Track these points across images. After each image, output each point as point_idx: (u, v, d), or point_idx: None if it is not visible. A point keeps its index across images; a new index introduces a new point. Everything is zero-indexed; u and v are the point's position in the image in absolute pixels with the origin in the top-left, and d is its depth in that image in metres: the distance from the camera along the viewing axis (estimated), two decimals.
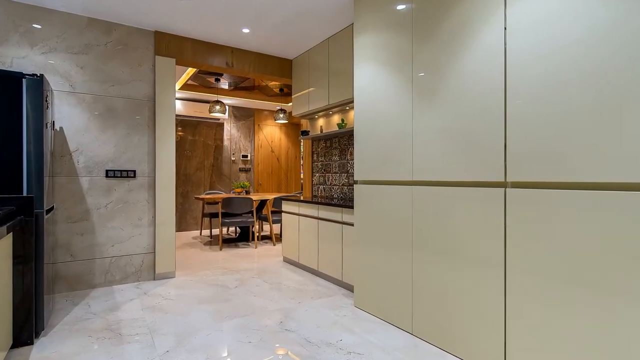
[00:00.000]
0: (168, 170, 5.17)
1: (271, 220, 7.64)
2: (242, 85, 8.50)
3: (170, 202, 5.19)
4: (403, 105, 3.48)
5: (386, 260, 3.69)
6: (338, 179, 5.89)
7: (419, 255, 3.32)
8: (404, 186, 3.47)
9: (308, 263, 5.41)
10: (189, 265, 5.98)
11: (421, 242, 3.30)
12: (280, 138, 11.07)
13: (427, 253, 3.24)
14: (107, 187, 4.84)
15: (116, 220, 4.90)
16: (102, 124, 4.81)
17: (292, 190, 11.25)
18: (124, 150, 4.93)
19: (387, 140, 3.67)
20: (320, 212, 5.07)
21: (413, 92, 3.37)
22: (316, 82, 5.67)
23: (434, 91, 3.18)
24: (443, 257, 3.10)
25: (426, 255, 3.25)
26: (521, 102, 2.53)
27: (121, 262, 4.93)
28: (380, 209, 3.75)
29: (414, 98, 3.37)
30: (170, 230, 5.20)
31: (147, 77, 5.09)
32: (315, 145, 6.53)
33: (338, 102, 5.18)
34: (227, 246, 7.58)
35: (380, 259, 3.76)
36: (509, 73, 2.62)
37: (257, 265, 5.95)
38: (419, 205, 3.32)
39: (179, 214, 9.44)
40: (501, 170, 2.67)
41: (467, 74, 2.91)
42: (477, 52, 2.83)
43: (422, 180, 3.29)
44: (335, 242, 4.80)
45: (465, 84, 2.92)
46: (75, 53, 4.66)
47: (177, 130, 9.38)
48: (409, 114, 3.41)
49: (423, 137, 3.28)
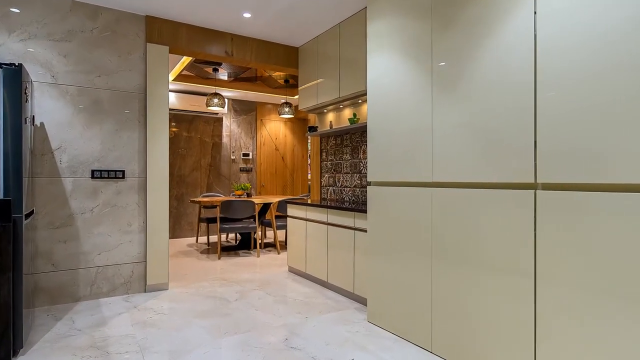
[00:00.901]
0: (161, 170, 5.22)
1: (275, 226, 7.67)
2: (243, 76, 8.55)
3: (163, 206, 5.23)
4: (422, 98, 3.49)
5: (403, 271, 3.69)
6: (350, 180, 5.90)
7: (439, 264, 3.33)
8: (423, 188, 3.48)
9: (316, 273, 5.43)
10: (184, 275, 6.03)
11: (442, 250, 3.30)
12: (286, 135, 11.10)
13: (448, 262, 3.25)
14: (93, 189, 4.89)
15: (103, 226, 4.95)
16: (88, 119, 4.86)
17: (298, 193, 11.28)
18: (111, 148, 4.98)
19: (404, 136, 3.68)
20: (330, 216, 5.09)
21: (433, 84, 3.38)
22: (325, 73, 5.69)
23: (455, 83, 3.19)
24: (466, 266, 3.11)
25: (447, 264, 3.26)
26: (554, 95, 2.53)
27: (108, 273, 4.97)
28: (397, 214, 3.76)
29: (433, 90, 3.38)
30: (163, 236, 5.24)
31: (137, 66, 5.14)
32: (324, 143, 6.55)
33: (349, 94, 5.20)
34: (226, 255, 7.62)
35: (396, 269, 3.77)
36: (540, 62, 2.62)
37: (260, 276, 5.98)
38: (439, 209, 3.33)
39: (172, 219, 9.50)
40: (531, 170, 2.67)
41: (492, 64, 2.91)
42: (503, 39, 2.83)
43: (442, 181, 3.30)
44: (346, 250, 4.81)
45: (490, 75, 2.93)
46: (57, 40, 4.71)
47: (170, 125, 9.45)
48: (428, 108, 3.42)
49: (444, 133, 3.28)
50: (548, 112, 2.57)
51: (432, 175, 3.40)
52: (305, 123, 11.40)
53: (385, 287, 3.91)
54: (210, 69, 8.01)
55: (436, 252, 3.36)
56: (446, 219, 3.28)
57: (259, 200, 7.74)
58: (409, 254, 3.63)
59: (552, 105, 2.55)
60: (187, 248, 8.33)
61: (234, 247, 8.39)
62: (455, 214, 3.20)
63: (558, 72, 2.53)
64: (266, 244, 8.88)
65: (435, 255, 3.37)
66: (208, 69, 7.97)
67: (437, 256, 3.36)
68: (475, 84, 3.04)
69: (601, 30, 2.34)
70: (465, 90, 3.12)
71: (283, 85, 9.35)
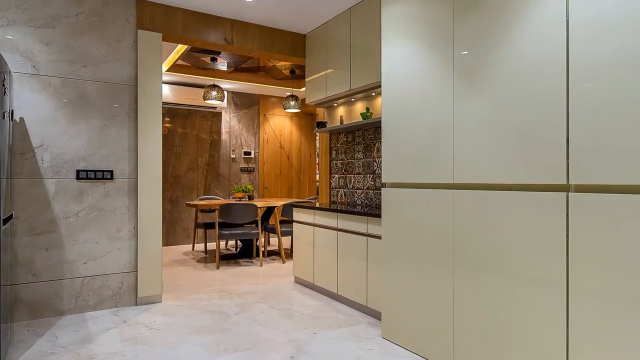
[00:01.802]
0: (153, 170, 5.26)
1: (280, 232, 7.70)
2: (244, 66, 8.58)
3: (155, 210, 5.28)
4: (442, 90, 3.51)
5: (421, 281, 3.71)
6: (362, 181, 5.92)
7: (461, 274, 3.34)
8: (443, 190, 3.49)
9: (325, 284, 5.46)
10: (179, 287, 6.07)
11: (464, 259, 3.31)
12: (291, 131, 11.13)
13: (471, 272, 3.26)
14: (79, 191, 4.93)
15: (89, 232, 4.99)
16: (73, 114, 4.90)
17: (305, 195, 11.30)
18: (99, 145, 5.02)
19: (422, 133, 3.69)
20: (341, 221, 5.11)
21: (454, 75, 3.40)
22: (335, 63, 5.72)
23: (479, 73, 3.20)
24: (491, 277, 3.11)
25: (470, 274, 3.27)
26: (589, 87, 2.54)
27: (95, 284, 5.02)
28: (414, 218, 3.77)
29: (455, 82, 3.39)
30: (155, 244, 5.28)
31: (127, 56, 5.18)
32: (334, 140, 6.57)
33: (362, 86, 5.22)
34: (226, 264, 7.66)
35: (413, 280, 3.78)
36: (572, 50, 2.63)
37: (263, 287, 6.01)
38: (461, 214, 3.34)
39: (166, 224, 9.56)
40: (562, 170, 2.68)
41: (520, 52, 2.92)
42: (532, 25, 2.84)
43: (465, 182, 3.31)
44: (358, 258, 4.83)
45: (518, 64, 2.94)
46: (39, 26, 4.75)
47: (164, 121, 9.51)
48: (449, 100, 3.43)
49: (466, 129, 3.30)
50: (582, 105, 2.57)
51: (453, 175, 3.41)
52: (313, 118, 11.43)
53: (401, 300, 3.93)
54: (208, 59, 8.05)
55: (458, 261, 3.37)
56: (469, 224, 3.29)
57: (261, 203, 7.77)
58: (428, 263, 3.64)
59: (586, 97, 2.56)
60: (182, 256, 8.38)
61: (234, 256, 8.43)
62: (479, 218, 3.21)
63: (593, 62, 2.53)
64: (270, 252, 8.92)
65: (456, 264, 3.39)
66: (205, 58, 8.01)
67: (458, 265, 3.37)
68: (501, 74, 3.05)
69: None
70: (490, 81, 3.13)
71: (288, 76, 9.38)
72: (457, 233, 3.37)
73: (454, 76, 3.40)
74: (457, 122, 3.38)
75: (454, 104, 3.40)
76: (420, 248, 3.72)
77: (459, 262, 3.36)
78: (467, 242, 3.30)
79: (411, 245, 3.81)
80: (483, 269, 3.18)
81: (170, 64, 8.16)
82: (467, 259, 3.30)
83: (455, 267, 3.39)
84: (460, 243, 3.35)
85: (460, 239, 3.35)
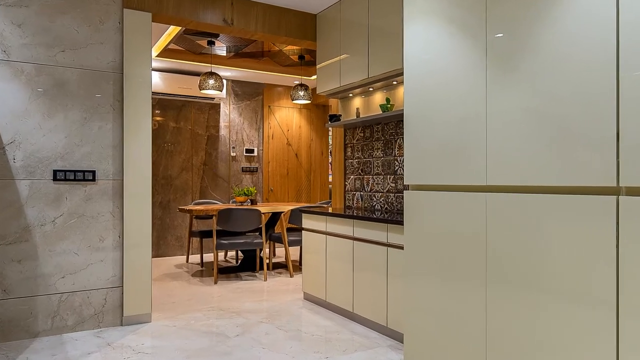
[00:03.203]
0: (142, 170, 5.30)
1: (287, 242, 7.72)
2: (246, 50, 8.62)
3: (144, 216, 5.31)
4: (473, 78, 3.52)
5: (449, 298, 3.71)
6: (382, 183, 5.94)
7: (495, 290, 3.34)
8: (475, 193, 3.50)
9: (339, 302, 5.48)
10: (172, 304, 6.11)
11: (499, 273, 3.32)
12: (300, 125, 11.17)
13: (506, 288, 3.26)
14: (56, 195, 4.97)
15: (68, 242, 5.02)
16: (49, 106, 4.94)
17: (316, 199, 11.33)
18: (79, 142, 5.06)
19: (451, 127, 3.71)
20: (357, 229, 5.13)
21: (487, 61, 3.41)
22: (351, 47, 5.74)
23: (516, 59, 3.21)
24: (529, 293, 3.12)
25: (506, 290, 3.27)
26: None
27: (75, 301, 5.05)
28: (442, 226, 3.78)
29: (488, 69, 3.40)
30: (144, 255, 5.32)
31: (111, 38, 5.22)
32: (349, 136, 6.59)
33: (381, 74, 5.23)
34: (225, 278, 7.70)
35: (441, 297, 3.79)
36: (623, 34, 2.63)
37: (268, 305, 6.04)
38: (495, 220, 3.35)
39: (156, 233, 9.61)
40: (612, 170, 2.68)
41: (563, 35, 2.93)
42: (577, 5, 2.85)
43: (499, 185, 3.32)
44: (377, 272, 4.84)
45: (560, 49, 2.94)
46: (9, 5, 4.78)
47: (154, 114, 9.57)
48: (482, 91, 3.44)
49: (501, 123, 3.30)
50: (634, 96, 2.58)
51: (486, 176, 3.42)
52: (325, 110, 11.45)
53: (426, 320, 3.94)
54: (205, 42, 8.10)
55: (492, 274, 3.38)
56: (504, 233, 3.29)
57: (266, 208, 7.80)
58: (457, 277, 3.65)
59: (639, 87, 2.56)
60: (175, 269, 8.44)
61: (234, 269, 8.47)
62: (516, 226, 3.21)
63: None
64: (275, 265, 8.96)
65: (490, 278, 3.39)
66: (202, 41, 8.06)
67: (492, 280, 3.38)
68: (542, 60, 3.05)
69: None
70: (528, 68, 3.13)
71: (297, 62, 9.41)
72: (491, 242, 3.38)
73: (487, 62, 3.41)
74: (490, 114, 3.39)
75: (487, 94, 3.41)
76: (448, 260, 3.73)
77: (493, 276, 3.37)
78: (502, 253, 3.30)
79: (438, 256, 3.82)
80: (521, 284, 3.18)
81: (161, 48, 8.21)
82: (502, 273, 3.30)
83: (488, 282, 3.40)
84: (494, 254, 3.36)
85: (494, 249, 3.36)
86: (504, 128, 3.29)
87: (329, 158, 11.52)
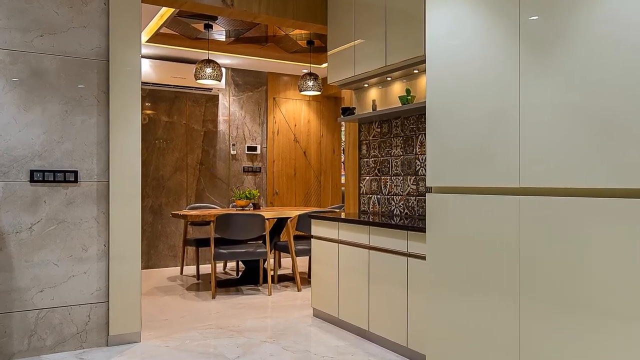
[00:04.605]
0: (130, 170, 5.28)
1: (294, 251, 7.72)
2: (248, 35, 8.63)
3: (133, 222, 5.30)
4: (505, 66, 3.51)
5: (477, 315, 3.71)
6: (401, 185, 5.93)
7: (530, 307, 3.33)
8: (507, 196, 3.49)
9: (353, 319, 5.48)
10: (164, 322, 6.12)
11: (534, 287, 3.31)
12: (309, 119, 11.17)
13: (543, 304, 3.25)
14: (33, 198, 4.94)
15: (47, 251, 4.99)
16: (25, 98, 4.90)
17: (327, 203, 11.33)
18: (59, 138, 5.04)
19: (479, 122, 3.70)
20: (374, 237, 5.13)
21: (521, 46, 3.40)
22: (366, 31, 5.74)
23: (554, 44, 3.20)
24: (569, 310, 3.11)
25: (542, 307, 3.26)
26: None
27: (54, 318, 5.02)
28: (468, 233, 3.77)
29: (522, 55, 3.39)
30: (133, 266, 5.30)
31: (96, 21, 5.19)
32: (364, 131, 6.59)
33: (401, 62, 5.23)
34: (224, 292, 7.71)
35: (468, 313, 3.78)
36: None
37: (272, 323, 6.04)
38: (530, 227, 3.34)
39: (146, 241, 9.62)
40: None
41: (607, 17, 2.92)
42: None
43: (534, 187, 3.31)
44: (396, 285, 4.84)
45: (604, 33, 2.93)
46: None
47: (144, 106, 9.59)
48: (514, 80, 3.43)
49: (536, 117, 3.29)
50: None
51: (519, 177, 3.41)
52: (337, 103, 11.45)
53: (452, 340, 3.93)
54: (201, 26, 8.11)
55: (526, 288, 3.37)
56: (540, 241, 3.28)
57: (270, 214, 7.82)
58: (487, 291, 3.64)
59: None
60: (167, 282, 8.46)
61: (235, 282, 8.49)
62: (553, 233, 3.20)
63: None
64: (281, 277, 8.96)
65: (524, 292, 3.38)
66: (198, 25, 8.07)
67: (526, 294, 3.36)
68: (583, 45, 3.04)
69: None
70: (568, 55, 3.12)
71: (305, 48, 9.41)
72: (525, 252, 3.37)
73: (520, 48, 3.40)
74: (524, 107, 3.38)
75: (521, 84, 3.40)
76: (476, 272, 3.72)
77: (527, 290, 3.35)
78: (538, 264, 3.29)
79: (465, 268, 3.81)
80: (558, 300, 3.17)
81: (152, 32, 8.21)
82: (538, 287, 3.29)
83: (521, 297, 3.39)
84: (528, 265, 3.35)
85: (528, 260, 3.35)
86: (540, 122, 3.28)
87: (341, 157, 11.50)
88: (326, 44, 8.08)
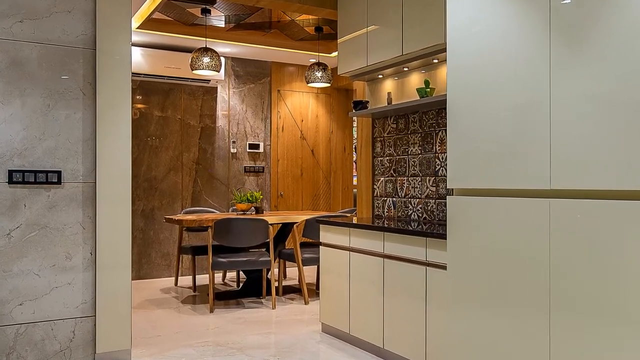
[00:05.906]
0: (119, 170, 5.28)
1: (301, 260, 7.73)
2: (250, 21, 8.66)
3: (122, 228, 5.30)
4: (534, 55, 3.52)
5: (503, 331, 3.71)
6: (419, 187, 5.94)
7: (562, 320, 3.33)
8: (536, 199, 3.50)
9: (366, 335, 5.49)
10: (157, 338, 6.15)
11: (566, 298, 3.31)
12: (318, 114, 11.19)
13: (576, 317, 3.25)
14: (12, 201, 4.93)
15: (27, 260, 4.97)
16: (3, 90, 4.87)
17: (337, 207, 11.35)
18: (41, 135, 5.03)
19: (505, 118, 3.70)
20: (389, 244, 5.14)
21: (552, 34, 3.40)
22: (380, 17, 5.75)
23: (588, 31, 3.20)
24: (607, 325, 3.11)
25: (575, 320, 3.26)
26: None
27: (36, 334, 5.01)
28: (494, 240, 3.78)
29: (552, 43, 3.40)
30: (122, 276, 5.30)
31: (81, 5, 5.17)
32: (378, 127, 6.61)
33: (419, 50, 5.24)
34: (224, 305, 7.74)
35: (493, 328, 3.79)
36: None
37: (277, 339, 6.07)
38: (561, 233, 3.34)
39: (137, 249, 9.64)
40: None
41: None
42: None
43: (567, 189, 3.31)
44: (414, 297, 4.85)
45: None
46: None
47: (134, 100, 9.61)
48: (544, 71, 3.44)
49: (570, 113, 3.29)
50: None
51: (550, 178, 3.41)
52: (348, 96, 11.47)
53: (475, 358, 3.95)
54: (198, 10, 8.13)
55: (557, 300, 3.37)
56: (573, 249, 3.28)
57: (274, 218, 7.84)
58: (513, 303, 3.64)
59: None
60: (161, 294, 8.49)
61: (235, 294, 8.51)
62: (588, 240, 3.20)
63: None
64: (286, 289, 8.99)
65: (555, 305, 3.39)
66: (194, 10, 8.09)
67: (558, 307, 3.37)
68: (621, 33, 3.05)
69: None
70: (602, 44, 3.13)
71: (314, 35, 9.43)
72: (556, 261, 3.37)
73: (552, 35, 3.41)
74: (556, 101, 3.38)
75: (552, 75, 3.40)
76: (502, 283, 3.72)
77: (558, 302, 3.36)
78: (570, 273, 3.29)
79: (490, 278, 3.82)
80: (593, 314, 3.17)
81: (144, 18, 8.22)
82: (570, 298, 3.29)
83: (552, 310, 3.39)
84: (559, 276, 3.35)
85: (560, 269, 3.34)
86: (574, 117, 3.28)
87: (353, 155, 11.52)
88: (336, 30, 8.11)
